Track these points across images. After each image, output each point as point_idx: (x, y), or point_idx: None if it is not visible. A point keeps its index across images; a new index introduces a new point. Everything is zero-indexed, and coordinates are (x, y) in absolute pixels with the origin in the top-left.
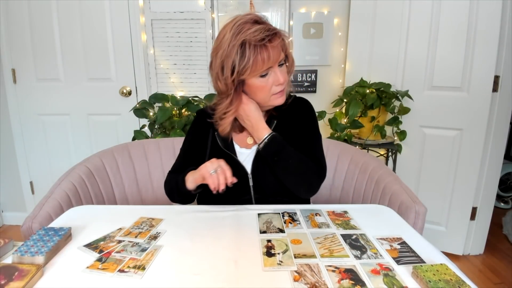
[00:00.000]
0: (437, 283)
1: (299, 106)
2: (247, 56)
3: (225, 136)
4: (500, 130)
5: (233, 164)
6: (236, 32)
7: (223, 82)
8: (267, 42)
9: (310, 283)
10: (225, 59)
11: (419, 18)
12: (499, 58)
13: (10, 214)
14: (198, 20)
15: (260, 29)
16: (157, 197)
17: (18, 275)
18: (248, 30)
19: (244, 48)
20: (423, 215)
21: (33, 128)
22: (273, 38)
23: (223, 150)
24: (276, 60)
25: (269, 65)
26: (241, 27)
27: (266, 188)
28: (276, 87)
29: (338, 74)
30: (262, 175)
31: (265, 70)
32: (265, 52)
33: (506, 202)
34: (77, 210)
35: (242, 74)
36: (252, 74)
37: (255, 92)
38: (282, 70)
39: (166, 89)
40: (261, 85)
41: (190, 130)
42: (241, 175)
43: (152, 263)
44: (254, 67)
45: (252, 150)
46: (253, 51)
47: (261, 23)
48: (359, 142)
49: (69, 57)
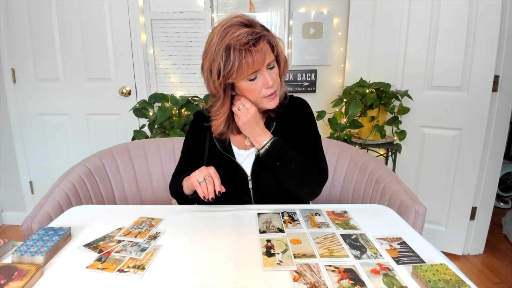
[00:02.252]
0: (437, 283)
1: (297, 106)
2: (232, 61)
3: (222, 138)
4: (500, 130)
5: (231, 166)
6: (222, 36)
7: (212, 85)
8: (251, 46)
9: (310, 283)
10: (212, 62)
11: (419, 18)
12: (499, 58)
13: (10, 214)
14: (197, 20)
15: (244, 33)
16: (157, 197)
17: (18, 275)
18: (232, 34)
19: (229, 52)
20: (422, 215)
21: (33, 128)
22: (258, 42)
23: (221, 152)
24: (262, 63)
25: (254, 69)
26: (227, 31)
27: (266, 190)
28: (266, 90)
29: (338, 74)
30: (262, 177)
31: (253, 74)
32: (250, 57)
33: (506, 202)
34: (76, 210)
35: (228, 78)
36: (238, 78)
37: (245, 95)
38: (273, 73)
39: (165, 89)
40: (250, 88)
41: (188, 133)
42: (240, 177)
43: (152, 263)
44: (240, 71)
45: (250, 151)
46: (237, 55)
47: (249, 26)
48: (358, 142)
49: (69, 57)
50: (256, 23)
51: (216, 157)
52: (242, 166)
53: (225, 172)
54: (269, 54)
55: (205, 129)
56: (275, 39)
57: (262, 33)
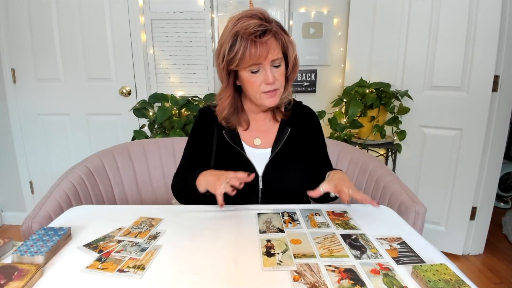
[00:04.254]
0: (437, 283)
1: (307, 115)
2: (237, 48)
3: (230, 126)
4: (500, 130)
5: (243, 162)
6: (234, 23)
7: (218, 68)
8: (257, 37)
9: (310, 283)
10: (221, 46)
11: (419, 18)
12: (499, 58)
13: (10, 214)
14: (197, 20)
15: (253, 23)
16: (157, 197)
17: (18, 275)
18: (243, 23)
19: (236, 39)
20: (422, 215)
21: (33, 128)
22: (264, 34)
23: (231, 147)
24: (264, 57)
25: (256, 60)
26: (241, 20)
27: (277, 193)
28: (266, 86)
29: (338, 74)
30: (277, 180)
31: (255, 66)
32: (253, 47)
33: (506, 202)
34: (76, 210)
35: (232, 64)
36: (241, 66)
37: (245, 86)
38: (276, 72)
39: (165, 89)
40: (251, 81)
41: (193, 129)
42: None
43: (152, 263)
44: (242, 60)
45: (262, 152)
46: (243, 43)
47: (262, 19)
48: (358, 142)
49: (68, 57)
50: (272, 20)
51: (225, 153)
52: (254, 165)
53: (235, 169)
54: (276, 51)
55: (212, 125)
56: (286, 38)
57: (270, 27)
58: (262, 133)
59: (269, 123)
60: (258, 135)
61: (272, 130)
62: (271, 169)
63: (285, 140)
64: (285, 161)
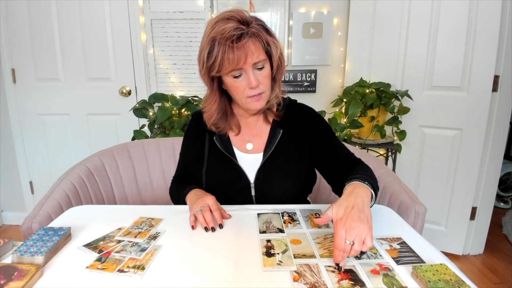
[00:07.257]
0: (437, 283)
1: (303, 113)
2: (215, 54)
3: (220, 132)
4: (500, 130)
5: (234, 170)
6: (212, 27)
7: (200, 74)
8: (233, 42)
9: (310, 283)
10: (201, 52)
11: (419, 18)
12: (499, 58)
13: (10, 214)
14: (197, 20)
15: (229, 28)
16: (157, 197)
17: (18, 275)
18: (219, 27)
19: (213, 44)
20: (422, 215)
21: (33, 128)
22: (240, 38)
23: (222, 154)
24: (244, 61)
25: (235, 66)
26: (217, 23)
27: (270, 199)
28: (250, 90)
29: (338, 74)
30: (268, 186)
31: (237, 71)
32: (231, 53)
33: (506, 202)
34: (76, 210)
35: (212, 70)
36: (222, 72)
37: (230, 91)
38: (260, 74)
39: (165, 89)
40: (235, 86)
41: (186, 135)
42: (243, 183)
43: (152, 263)
44: (221, 66)
45: (254, 157)
46: (220, 49)
47: (240, 22)
48: (358, 142)
49: (68, 57)
50: (251, 21)
51: (217, 160)
52: (246, 172)
53: (227, 177)
54: (256, 53)
55: (204, 130)
56: (268, 38)
57: (247, 30)
58: (254, 137)
59: (261, 126)
60: (250, 140)
61: (264, 134)
62: (262, 175)
63: (277, 143)
64: (277, 165)
